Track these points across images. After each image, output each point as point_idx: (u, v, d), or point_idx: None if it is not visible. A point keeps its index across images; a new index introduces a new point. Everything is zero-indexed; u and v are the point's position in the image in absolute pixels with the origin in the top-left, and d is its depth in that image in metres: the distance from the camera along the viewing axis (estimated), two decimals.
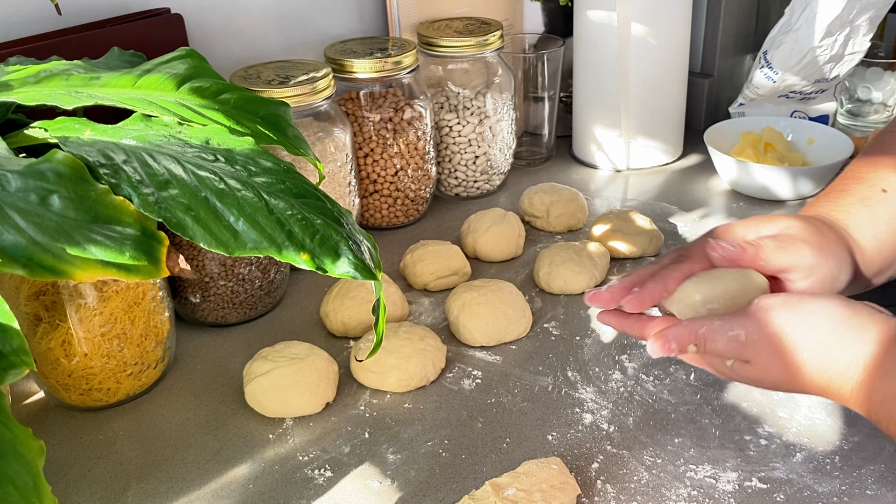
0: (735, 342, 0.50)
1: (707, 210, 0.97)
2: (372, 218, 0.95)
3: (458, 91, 0.96)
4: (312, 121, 0.84)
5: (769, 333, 0.49)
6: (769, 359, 0.49)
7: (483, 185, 1.02)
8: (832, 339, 0.48)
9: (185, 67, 0.63)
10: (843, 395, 0.48)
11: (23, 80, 0.59)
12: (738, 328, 0.50)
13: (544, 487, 0.54)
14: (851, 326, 0.47)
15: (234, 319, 0.78)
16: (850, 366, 0.47)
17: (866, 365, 0.46)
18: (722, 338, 0.51)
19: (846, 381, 0.47)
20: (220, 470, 0.61)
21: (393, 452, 0.62)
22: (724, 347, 0.51)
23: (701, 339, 0.51)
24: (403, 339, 0.69)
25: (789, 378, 0.49)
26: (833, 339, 0.48)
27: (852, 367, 0.47)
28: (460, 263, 0.83)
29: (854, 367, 0.47)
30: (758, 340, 0.49)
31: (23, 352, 0.38)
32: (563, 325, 0.76)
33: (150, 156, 0.51)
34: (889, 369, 0.46)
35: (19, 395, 0.70)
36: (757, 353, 0.50)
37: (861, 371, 0.46)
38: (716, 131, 1.04)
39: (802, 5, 1.00)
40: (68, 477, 0.61)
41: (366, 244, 0.53)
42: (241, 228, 0.49)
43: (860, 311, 0.48)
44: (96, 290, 0.63)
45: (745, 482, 0.57)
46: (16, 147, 0.56)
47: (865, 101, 1.15)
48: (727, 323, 0.51)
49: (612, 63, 1.01)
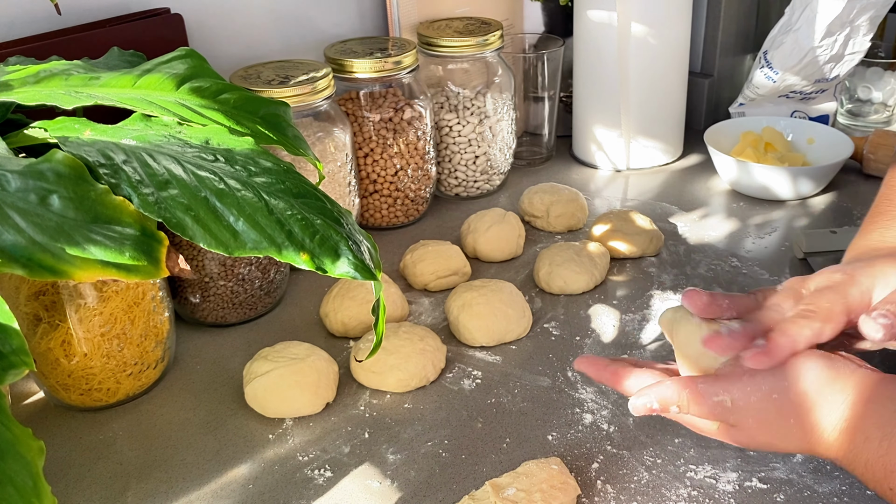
0: (720, 407, 0.49)
1: (707, 210, 0.97)
2: (372, 218, 0.95)
3: (458, 91, 0.96)
4: (312, 121, 0.84)
5: (756, 400, 0.48)
6: (756, 425, 0.48)
7: (483, 185, 1.02)
8: (817, 403, 0.47)
9: (184, 67, 0.63)
10: (831, 457, 0.47)
11: (23, 80, 0.59)
12: (723, 393, 0.49)
13: (544, 487, 0.54)
14: (834, 389, 0.46)
15: (233, 319, 0.78)
16: (835, 429, 0.46)
17: (847, 428, 0.46)
18: (707, 402, 0.49)
19: (832, 444, 0.47)
20: (219, 470, 0.61)
21: (393, 452, 0.62)
22: (709, 412, 0.49)
23: (684, 401, 0.50)
24: (403, 339, 0.69)
25: (776, 443, 0.49)
26: (818, 403, 0.47)
27: (836, 431, 0.46)
28: (460, 263, 0.83)
29: (837, 430, 0.46)
30: (743, 407, 0.48)
31: (23, 352, 0.38)
32: (563, 325, 0.76)
33: (150, 156, 0.51)
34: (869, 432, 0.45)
35: (19, 395, 0.70)
36: (744, 419, 0.49)
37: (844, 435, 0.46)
38: (716, 131, 1.04)
39: (802, 5, 1.00)
40: (68, 477, 0.61)
41: (366, 244, 0.53)
42: (240, 228, 0.49)
43: (841, 369, 0.47)
44: (96, 290, 0.63)
45: (745, 482, 0.57)
46: (16, 147, 0.56)
47: (865, 101, 1.15)
48: (711, 387, 0.49)
49: (612, 63, 1.01)
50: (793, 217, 0.94)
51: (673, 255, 0.87)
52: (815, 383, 0.47)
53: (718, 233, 0.91)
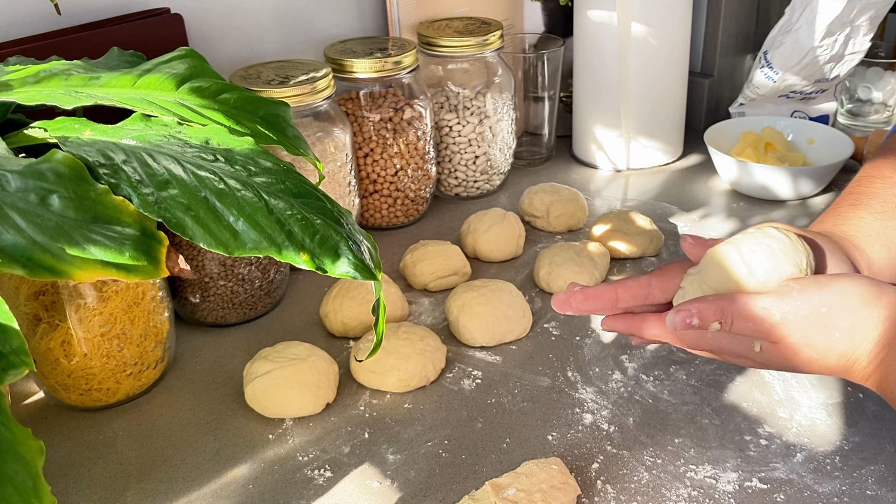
0: (767, 321, 0.48)
1: (707, 210, 0.96)
2: (372, 218, 0.95)
3: (458, 91, 0.96)
4: (312, 121, 0.83)
5: (805, 314, 0.47)
6: (802, 340, 0.48)
7: (483, 185, 1.02)
8: (862, 318, 0.47)
9: (184, 67, 0.63)
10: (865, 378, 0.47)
11: (23, 80, 0.59)
12: (773, 306, 0.48)
13: (544, 488, 0.54)
14: (880, 305, 0.47)
15: (233, 319, 0.78)
16: (875, 346, 0.46)
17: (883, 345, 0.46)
18: (754, 316, 0.48)
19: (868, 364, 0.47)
20: (219, 470, 0.61)
21: (393, 453, 0.62)
22: (755, 327, 0.48)
23: (728, 315, 0.49)
24: (403, 339, 0.69)
25: (817, 358, 0.48)
26: (863, 317, 0.47)
27: (875, 346, 0.46)
28: (460, 263, 0.83)
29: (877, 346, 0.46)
30: (792, 320, 0.48)
31: (22, 352, 0.38)
32: (563, 325, 0.76)
33: (150, 156, 0.51)
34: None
35: (19, 395, 0.70)
36: (790, 334, 0.48)
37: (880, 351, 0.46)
38: (716, 131, 1.04)
39: (802, 5, 1.00)
40: (68, 477, 0.61)
41: (366, 244, 0.53)
42: (240, 228, 0.49)
43: (885, 287, 0.48)
44: (96, 290, 0.63)
45: (745, 482, 0.57)
46: (15, 147, 0.55)
47: (866, 101, 1.15)
48: (758, 301, 0.48)
49: (612, 63, 1.01)
50: (793, 217, 0.94)
51: (673, 255, 0.87)
52: (861, 297, 0.47)
53: (718, 233, 0.91)
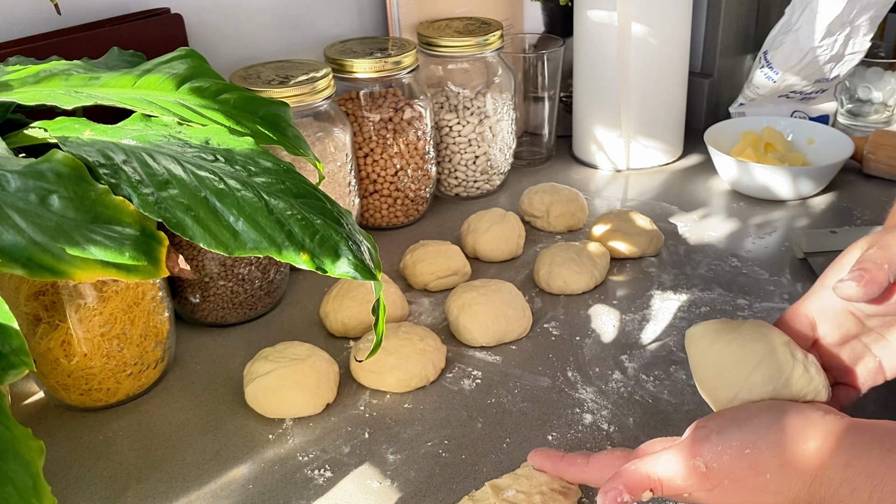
0: (696, 474, 0.46)
1: (707, 210, 0.96)
2: (372, 218, 0.95)
3: (458, 91, 0.96)
4: (312, 121, 0.84)
5: (729, 460, 0.46)
6: (732, 485, 0.46)
7: (483, 185, 1.02)
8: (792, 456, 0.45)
9: (184, 67, 0.63)
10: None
11: (23, 80, 0.59)
12: (696, 458, 0.46)
13: (544, 490, 0.54)
14: (807, 437, 0.45)
15: (233, 319, 0.78)
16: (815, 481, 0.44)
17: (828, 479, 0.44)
18: (681, 473, 0.47)
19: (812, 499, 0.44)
20: (219, 470, 0.61)
21: (393, 453, 0.62)
22: (685, 484, 0.47)
23: (656, 481, 0.47)
24: (403, 339, 0.69)
25: (753, 501, 0.46)
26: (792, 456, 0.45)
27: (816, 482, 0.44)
28: (460, 263, 0.83)
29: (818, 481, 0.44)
30: (718, 469, 0.46)
31: (22, 352, 0.38)
32: (563, 325, 0.76)
33: (150, 156, 0.51)
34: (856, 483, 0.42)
35: (19, 395, 0.70)
36: (720, 482, 0.46)
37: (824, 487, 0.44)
38: (716, 131, 1.04)
39: (802, 5, 1.00)
40: (68, 477, 0.61)
41: (366, 244, 0.53)
42: (240, 228, 0.49)
43: (811, 417, 0.46)
44: (96, 290, 0.63)
45: None
46: (16, 147, 0.55)
47: (866, 101, 1.15)
48: (681, 454, 0.47)
49: (612, 63, 1.01)
50: (793, 217, 0.94)
51: (673, 255, 0.87)
52: (788, 433, 0.45)
53: (718, 233, 0.91)
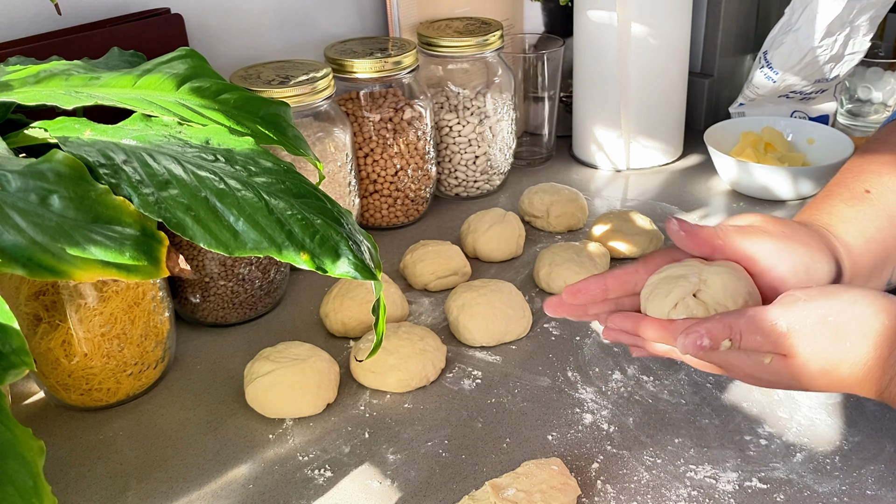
0: (775, 333, 0.47)
1: (707, 210, 0.96)
2: (372, 218, 0.95)
3: (458, 91, 0.96)
4: (312, 121, 0.84)
5: (812, 323, 0.46)
6: (810, 350, 0.47)
7: (483, 185, 1.02)
8: (875, 329, 0.46)
9: (185, 67, 0.63)
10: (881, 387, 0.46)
11: (23, 80, 0.59)
12: (780, 318, 0.47)
13: (544, 488, 0.54)
14: (891, 316, 0.46)
15: (233, 319, 0.78)
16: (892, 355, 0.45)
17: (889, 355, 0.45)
18: (763, 328, 0.47)
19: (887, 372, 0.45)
20: (220, 470, 0.61)
21: (393, 452, 0.62)
22: (764, 340, 0.47)
23: (737, 332, 0.48)
24: (403, 339, 0.69)
25: (829, 369, 0.47)
26: (875, 329, 0.46)
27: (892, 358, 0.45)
28: (460, 263, 0.83)
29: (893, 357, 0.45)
30: (800, 330, 0.46)
31: (23, 352, 0.38)
32: (563, 325, 0.76)
33: (150, 156, 0.51)
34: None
35: (19, 395, 0.70)
36: (799, 344, 0.47)
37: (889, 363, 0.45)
38: (716, 131, 1.04)
39: (802, 5, 1.00)
40: (68, 477, 0.61)
41: (366, 244, 0.53)
42: (241, 228, 0.49)
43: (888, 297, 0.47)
44: (96, 290, 0.63)
45: (745, 482, 0.57)
46: (16, 147, 0.56)
47: (865, 101, 1.15)
48: (765, 314, 0.48)
49: (612, 63, 1.01)
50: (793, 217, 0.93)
51: None
52: (871, 307, 0.46)
53: None
